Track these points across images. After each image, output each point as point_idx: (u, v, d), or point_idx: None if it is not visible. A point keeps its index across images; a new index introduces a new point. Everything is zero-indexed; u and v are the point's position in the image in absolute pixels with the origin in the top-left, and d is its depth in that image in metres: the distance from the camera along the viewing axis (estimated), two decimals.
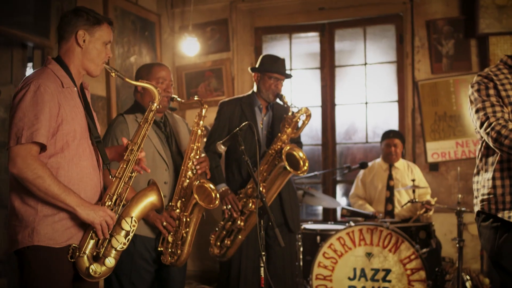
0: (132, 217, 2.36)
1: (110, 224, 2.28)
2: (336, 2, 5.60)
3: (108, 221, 2.27)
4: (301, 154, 3.39)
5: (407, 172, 4.85)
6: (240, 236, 3.39)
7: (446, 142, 5.24)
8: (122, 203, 2.37)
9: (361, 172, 4.99)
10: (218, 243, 3.45)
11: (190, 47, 5.73)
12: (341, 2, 5.59)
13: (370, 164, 4.96)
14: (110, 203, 2.33)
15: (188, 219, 2.97)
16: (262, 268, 2.66)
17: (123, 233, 2.33)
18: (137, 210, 2.40)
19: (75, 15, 2.32)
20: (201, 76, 5.96)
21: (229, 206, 3.37)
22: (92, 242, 2.28)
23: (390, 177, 4.81)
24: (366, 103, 5.68)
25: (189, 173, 3.01)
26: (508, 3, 4.89)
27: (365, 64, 5.68)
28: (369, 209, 4.71)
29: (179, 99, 3.11)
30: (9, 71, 4.36)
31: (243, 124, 2.89)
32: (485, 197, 2.62)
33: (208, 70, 5.95)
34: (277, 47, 5.92)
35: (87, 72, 2.38)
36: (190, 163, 3.01)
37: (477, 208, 2.70)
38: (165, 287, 3.11)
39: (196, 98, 3.10)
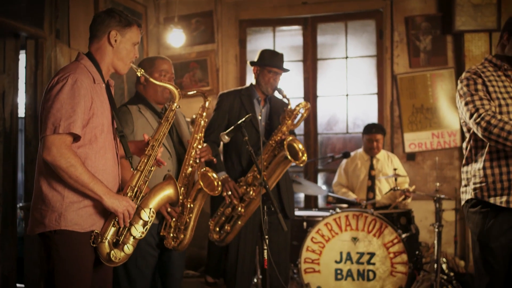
0: (150, 208, 2.49)
1: (131, 213, 2.41)
2: None
3: (130, 211, 2.40)
4: (300, 146, 3.58)
5: (387, 162, 5.10)
6: (239, 222, 3.55)
7: (423, 133, 5.52)
8: (142, 194, 2.52)
9: (344, 161, 5.21)
10: (217, 229, 3.61)
11: (175, 39, 5.84)
12: None
13: (352, 154, 5.19)
14: (131, 193, 2.47)
15: (191, 205, 3.13)
16: (265, 251, 2.83)
17: (141, 222, 2.46)
18: (155, 202, 2.53)
19: (109, 16, 2.45)
20: (186, 67, 6.08)
21: (229, 192, 3.53)
22: (113, 229, 2.41)
23: (371, 167, 5.05)
24: (347, 95, 5.91)
25: (192, 161, 3.17)
26: (483, 2, 5.17)
27: (346, 57, 5.91)
28: (352, 197, 4.95)
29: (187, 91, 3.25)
30: (1, 60, 4.39)
31: (247, 116, 3.05)
32: (477, 185, 2.85)
33: (193, 61, 6.07)
34: (261, 40, 6.08)
35: (115, 70, 2.52)
36: (193, 152, 3.16)
37: (468, 195, 2.93)
38: (166, 270, 3.26)
39: (199, 91, 3.24)
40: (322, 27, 5.95)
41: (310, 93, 5.93)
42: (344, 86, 5.91)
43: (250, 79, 5.97)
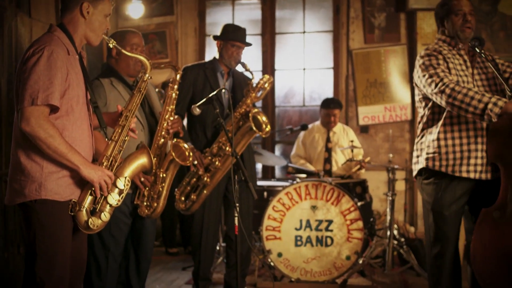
0: (125, 177, 2.56)
1: (108, 183, 2.48)
2: None
3: (107, 180, 2.47)
4: (264, 118, 3.74)
5: (343, 135, 5.31)
6: (205, 191, 3.68)
7: (376, 106, 5.78)
8: (117, 164, 2.60)
9: (302, 133, 5.40)
10: (183, 198, 3.73)
11: (134, 10, 5.83)
12: None
13: (310, 126, 5.38)
14: (106, 163, 2.55)
15: (164, 175, 3.23)
16: (236, 218, 2.97)
17: (117, 191, 2.52)
18: (130, 171, 2.60)
19: None
20: (145, 38, 5.98)
21: (195, 162, 3.65)
22: (90, 198, 2.47)
23: (328, 140, 5.25)
24: (304, 69, 6.09)
25: (164, 132, 3.26)
26: None
27: (304, 32, 6.07)
28: (310, 168, 5.15)
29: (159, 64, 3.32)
30: None
31: (219, 89, 3.17)
32: (430, 155, 3.07)
33: (151, 32, 6.07)
34: (220, 13, 6.15)
35: (87, 42, 2.56)
36: (165, 124, 3.25)
37: (420, 165, 3.14)
38: (139, 237, 3.36)
39: (170, 64, 3.32)
40: (281, 1, 6.08)
41: (268, 67, 6.06)
42: (301, 60, 6.08)
43: (210, 52, 6.06)
